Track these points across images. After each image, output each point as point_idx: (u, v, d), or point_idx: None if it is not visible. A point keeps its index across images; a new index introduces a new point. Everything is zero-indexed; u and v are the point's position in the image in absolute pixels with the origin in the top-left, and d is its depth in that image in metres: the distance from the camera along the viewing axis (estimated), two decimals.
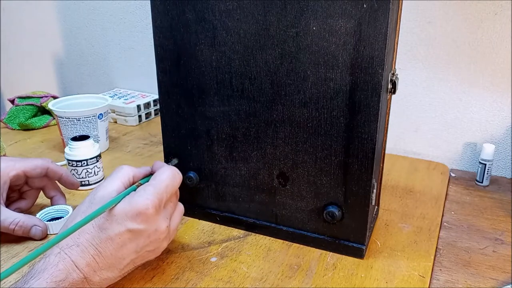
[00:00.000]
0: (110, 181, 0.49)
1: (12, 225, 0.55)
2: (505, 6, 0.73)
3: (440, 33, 0.79)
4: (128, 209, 0.45)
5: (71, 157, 0.70)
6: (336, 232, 0.55)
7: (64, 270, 0.42)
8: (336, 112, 0.50)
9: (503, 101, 0.78)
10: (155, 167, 0.53)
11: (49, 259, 0.42)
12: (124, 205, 0.45)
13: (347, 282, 0.51)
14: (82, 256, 0.43)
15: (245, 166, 0.57)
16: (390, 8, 0.44)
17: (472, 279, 0.52)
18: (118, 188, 0.48)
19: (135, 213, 0.45)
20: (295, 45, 0.49)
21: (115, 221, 0.45)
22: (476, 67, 0.78)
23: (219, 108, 0.56)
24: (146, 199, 0.46)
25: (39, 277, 0.41)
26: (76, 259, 0.43)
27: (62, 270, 0.42)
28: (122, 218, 0.45)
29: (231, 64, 0.53)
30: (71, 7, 1.18)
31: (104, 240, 0.44)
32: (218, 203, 0.61)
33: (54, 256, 0.43)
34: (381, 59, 0.46)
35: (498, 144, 0.81)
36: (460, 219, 0.65)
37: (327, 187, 0.54)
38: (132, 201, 0.46)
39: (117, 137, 0.94)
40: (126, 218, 0.45)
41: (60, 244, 0.43)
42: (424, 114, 0.85)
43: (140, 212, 0.45)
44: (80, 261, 0.43)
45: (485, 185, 0.75)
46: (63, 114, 0.80)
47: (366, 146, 0.50)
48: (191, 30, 0.54)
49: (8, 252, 0.55)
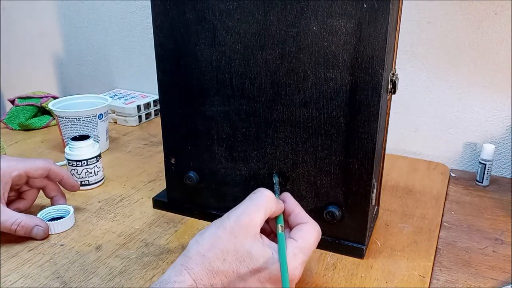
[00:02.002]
0: (254, 209, 0.44)
1: (14, 226, 0.55)
2: (505, 6, 0.73)
3: (440, 33, 0.79)
4: (275, 274, 0.42)
5: (71, 157, 0.70)
6: (336, 232, 0.55)
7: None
8: (336, 112, 0.50)
9: (503, 101, 0.78)
10: (289, 206, 0.48)
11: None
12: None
13: (347, 282, 0.51)
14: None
15: (245, 166, 0.57)
16: (390, 8, 0.44)
17: (472, 279, 0.52)
18: (263, 220, 0.44)
19: (279, 281, 0.42)
20: (295, 45, 0.49)
21: (257, 278, 0.42)
22: (476, 67, 0.78)
23: (219, 108, 0.56)
24: (296, 269, 0.43)
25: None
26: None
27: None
28: (265, 278, 0.42)
29: (231, 64, 0.53)
30: (71, 7, 1.18)
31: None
32: (218, 203, 0.61)
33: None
34: (381, 59, 0.46)
35: (498, 144, 0.81)
36: (460, 219, 0.65)
37: (327, 187, 0.54)
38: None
39: (117, 137, 0.94)
40: (269, 281, 0.42)
41: (195, 275, 0.41)
42: (424, 114, 0.85)
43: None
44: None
45: (485, 185, 0.75)
46: (63, 114, 0.80)
47: (366, 146, 0.50)
48: (191, 30, 0.54)
49: (8, 252, 0.55)
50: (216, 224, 0.44)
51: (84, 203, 0.67)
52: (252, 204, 0.45)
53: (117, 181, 0.75)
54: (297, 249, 0.44)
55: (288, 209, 0.48)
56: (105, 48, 1.18)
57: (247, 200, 0.46)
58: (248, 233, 0.43)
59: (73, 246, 0.57)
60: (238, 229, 0.43)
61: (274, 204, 0.46)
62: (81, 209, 0.65)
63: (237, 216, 0.44)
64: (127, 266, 0.53)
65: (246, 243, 0.42)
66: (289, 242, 0.44)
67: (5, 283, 0.50)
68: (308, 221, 0.47)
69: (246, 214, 0.44)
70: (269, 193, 0.46)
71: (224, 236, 0.43)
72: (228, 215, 0.45)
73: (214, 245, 0.42)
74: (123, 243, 0.57)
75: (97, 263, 0.53)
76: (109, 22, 1.14)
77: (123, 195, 0.70)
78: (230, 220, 0.43)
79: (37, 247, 0.56)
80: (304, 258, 0.44)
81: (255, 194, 0.46)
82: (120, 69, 1.18)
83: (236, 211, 0.44)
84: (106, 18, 1.14)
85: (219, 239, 0.42)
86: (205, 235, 0.43)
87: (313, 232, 0.46)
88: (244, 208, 0.45)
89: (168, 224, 0.62)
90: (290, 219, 0.48)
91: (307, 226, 0.46)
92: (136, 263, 0.53)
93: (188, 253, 0.43)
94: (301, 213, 0.48)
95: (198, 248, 0.43)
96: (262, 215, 0.44)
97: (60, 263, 0.53)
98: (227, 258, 0.42)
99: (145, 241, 0.58)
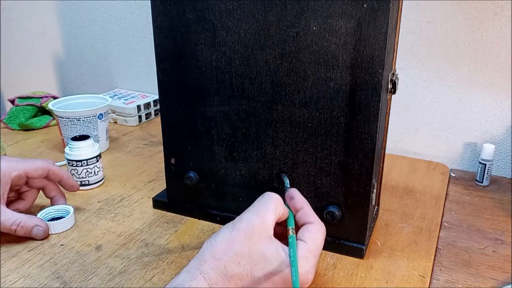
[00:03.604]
0: (264, 210, 0.44)
1: (13, 226, 0.56)
2: (505, 6, 0.73)
3: (440, 33, 0.79)
4: (289, 277, 0.42)
5: (71, 157, 0.70)
6: (336, 232, 0.55)
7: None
8: (336, 112, 0.50)
9: (503, 101, 0.78)
10: (297, 203, 0.48)
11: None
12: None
13: (347, 282, 0.51)
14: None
15: (245, 166, 0.57)
16: (390, 8, 0.44)
17: (472, 279, 0.52)
18: (274, 221, 0.45)
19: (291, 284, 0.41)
20: (295, 45, 0.49)
21: (271, 281, 0.42)
22: (476, 67, 0.78)
23: (219, 108, 0.56)
24: (308, 273, 0.43)
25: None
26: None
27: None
28: (279, 282, 0.42)
29: (231, 64, 0.53)
30: (71, 7, 1.18)
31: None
32: (218, 203, 0.61)
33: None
34: (381, 59, 0.46)
35: (498, 144, 0.81)
36: (460, 219, 0.65)
37: (327, 187, 0.54)
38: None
39: (117, 137, 0.94)
40: (283, 284, 0.42)
41: (210, 280, 0.41)
42: (424, 114, 0.85)
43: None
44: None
45: (485, 185, 0.75)
46: (63, 114, 0.80)
47: (366, 146, 0.50)
48: (191, 30, 0.54)
49: (8, 252, 0.55)
50: (228, 227, 0.44)
51: (84, 203, 0.67)
52: (262, 206, 0.45)
53: (117, 181, 0.75)
54: (308, 252, 0.44)
55: (296, 206, 0.48)
56: (105, 48, 1.18)
57: (257, 202, 0.46)
58: (262, 235, 0.43)
59: (73, 246, 0.57)
60: (252, 231, 0.43)
61: (283, 207, 0.46)
62: (81, 209, 0.65)
63: (249, 219, 0.44)
64: (127, 266, 0.53)
65: (261, 246, 0.42)
66: (299, 244, 0.44)
67: (5, 283, 0.50)
68: (315, 221, 0.47)
69: (259, 216, 0.44)
70: (277, 196, 0.46)
71: (238, 238, 0.42)
72: (240, 218, 0.44)
73: (229, 248, 0.42)
74: (123, 243, 0.57)
75: (97, 263, 0.53)
76: (109, 22, 1.14)
77: (123, 195, 0.70)
78: (243, 223, 0.43)
79: (37, 247, 0.56)
80: (314, 261, 0.44)
81: (263, 197, 0.46)
82: (120, 69, 1.18)
83: (248, 214, 0.44)
84: (106, 18, 1.14)
85: (233, 242, 0.42)
86: (219, 237, 0.43)
87: (320, 232, 0.46)
88: (255, 210, 0.45)
89: (168, 224, 0.62)
90: (297, 216, 0.48)
91: (314, 227, 0.46)
92: (136, 263, 0.53)
93: (202, 256, 0.42)
94: (309, 212, 0.47)
95: (213, 251, 0.42)
96: (273, 216, 0.44)
97: (60, 263, 0.53)
98: (241, 261, 0.42)
99: (145, 241, 0.58)
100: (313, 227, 0.46)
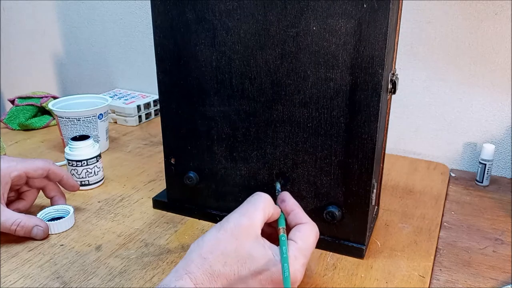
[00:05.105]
0: (253, 210, 0.44)
1: (13, 226, 0.56)
2: (505, 6, 0.73)
3: (440, 33, 0.79)
4: (277, 276, 0.42)
5: (71, 157, 0.70)
6: (336, 232, 0.55)
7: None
8: (336, 112, 0.50)
9: (503, 101, 0.78)
10: (288, 205, 0.48)
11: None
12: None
13: (347, 282, 0.51)
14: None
15: (245, 166, 0.57)
16: (390, 8, 0.44)
17: (472, 279, 0.52)
18: (262, 222, 0.44)
19: (281, 283, 0.41)
20: (295, 45, 0.49)
21: (258, 280, 0.42)
22: (476, 67, 0.78)
23: (219, 108, 0.56)
24: (297, 271, 0.43)
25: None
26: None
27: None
28: (266, 281, 0.42)
29: (231, 64, 0.53)
30: (71, 7, 1.18)
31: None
32: (218, 203, 0.61)
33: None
34: (381, 59, 0.46)
35: (498, 144, 0.81)
36: (460, 219, 0.65)
37: (327, 187, 0.54)
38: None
39: (117, 137, 0.94)
40: (270, 283, 0.42)
41: (196, 280, 0.40)
42: (424, 114, 0.85)
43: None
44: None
45: (485, 185, 0.75)
46: (63, 114, 0.80)
47: (366, 146, 0.50)
48: (191, 30, 0.54)
49: (8, 252, 0.55)
50: (216, 227, 0.44)
51: (84, 203, 0.67)
52: (251, 206, 0.45)
53: (117, 181, 0.75)
54: (298, 251, 0.44)
55: (287, 208, 0.48)
56: (105, 48, 1.18)
57: (246, 203, 0.46)
58: (249, 235, 0.43)
59: (73, 246, 0.57)
60: (239, 231, 0.43)
61: (272, 207, 0.46)
62: (81, 209, 0.65)
63: (237, 218, 0.44)
64: (127, 266, 0.53)
65: (247, 245, 0.42)
66: (289, 244, 0.44)
67: (5, 283, 0.50)
68: (307, 221, 0.47)
69: (246, 216, 0.44)
70: (267, 196, 0.46)
71: (224, 238, 0.43)
72: (227, 218, 0.45)
73: (215, 247, 0.42)
74: (123, 243, 0.57)
75: (97, 263, 0.53)
76: (109, 22, 1.14)
77: (123, 195, 0.70)
78: (230, 223, 0.44)
79: (37, 247, 0.56)
80: (304, 260, 0.44)
81: (253, 197, 0.46)
82: (120, 69, 1.18)
83: (236, 214, 0.45)
84: (106, 18, 1.14)
85: (219, 242, 0.42)
86: (206, 238, 0.43)
87: (312, 232, 0.46)
88: (243, 210, 0.45)
89: (168, 224, 0.62)
90: (289, 218, 0.48)
91: (305, 227, 0.46)
92: (136, 263, 0.53)
93: (189, 256, 0.43)
94: (300, 213, 0.48)
95: (199, 251, 0.42)
96: (261, 216, 0.44)
97: (60, 263, 0.53)
98: (228, 261, 0.42)
99: (145, 241, 0.58)
100: (304, 227, 0.46)
